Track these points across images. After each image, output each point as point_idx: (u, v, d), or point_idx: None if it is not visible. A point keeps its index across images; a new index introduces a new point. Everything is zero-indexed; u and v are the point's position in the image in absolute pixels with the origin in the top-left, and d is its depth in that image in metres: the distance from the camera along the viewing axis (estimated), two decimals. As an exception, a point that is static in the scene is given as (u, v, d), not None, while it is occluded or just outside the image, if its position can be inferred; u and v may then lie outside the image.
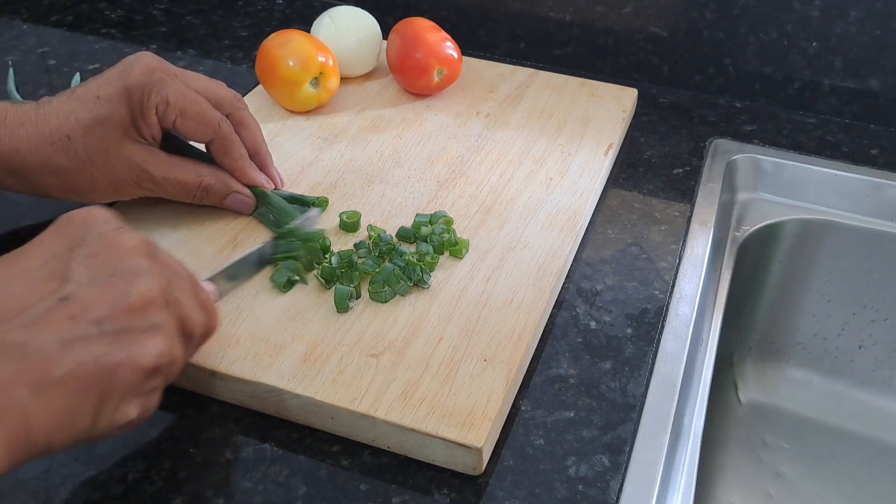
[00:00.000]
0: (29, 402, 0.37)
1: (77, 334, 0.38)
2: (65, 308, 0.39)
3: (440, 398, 0.50)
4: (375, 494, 0.48)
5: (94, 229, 0.43)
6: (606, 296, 0.62)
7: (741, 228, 0.75)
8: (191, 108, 0.58)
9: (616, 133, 0.76)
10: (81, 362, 0.38)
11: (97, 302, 0.39)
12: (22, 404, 0.37)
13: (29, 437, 0.37)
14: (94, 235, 0.42)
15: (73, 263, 0.41)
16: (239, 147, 0.61)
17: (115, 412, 0.40)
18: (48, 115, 0.56)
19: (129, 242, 0.43)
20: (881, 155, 0.79)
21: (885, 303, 0.79)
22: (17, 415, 0.36)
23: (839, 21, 0.79)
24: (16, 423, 0.36)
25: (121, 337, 0.40)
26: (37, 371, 0.37)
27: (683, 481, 0.52)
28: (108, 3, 1.01)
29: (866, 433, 0.82)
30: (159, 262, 0.43)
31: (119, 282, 0.40)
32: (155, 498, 0.48)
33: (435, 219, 0.63)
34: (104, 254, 0.41)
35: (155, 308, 0.41)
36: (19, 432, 0.37)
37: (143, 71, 0.57)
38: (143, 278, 0.41)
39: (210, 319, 0.47)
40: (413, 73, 0.78)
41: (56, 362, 0.38)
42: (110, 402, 0.40)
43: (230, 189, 0.62)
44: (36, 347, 0.38)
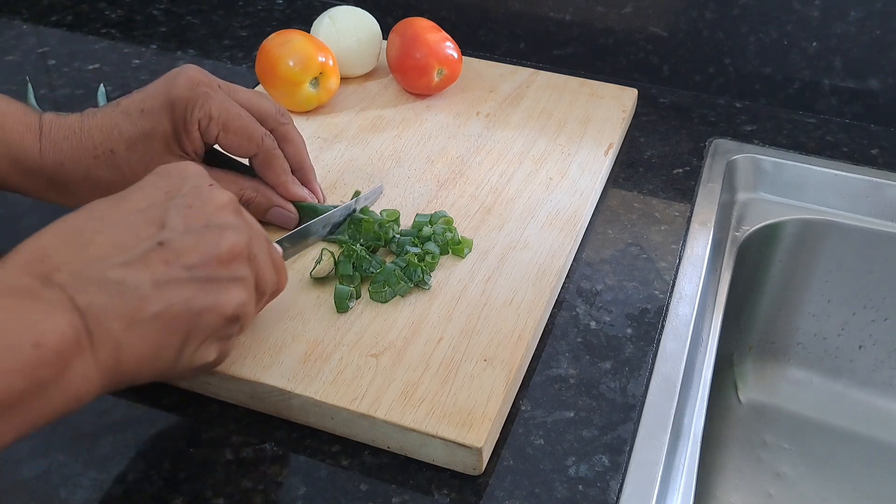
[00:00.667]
0: (122, 335, 0.40)
1: (170, 277, 0.41)
2: (161, 252, 0.41)
3: (440, 398, 0.50)
4: (375, 494, 0.48)
5: (190, 182, 0.46)
6: (606, 296, 0.62)
7: (741, 228, 0.75)
8: (234, 122, 0.57)
9: (616, 133, 0.76)
10: (171, 303, 0.41)
11: (190, 249, 0.42)
12: (116, 336, 0.40)
13: (120, 367, 0.40)
14: (190, 188, 0.45)
15: (170, 212, 0.43)
16: (282, 162, 0.61)
17: (196, 353, 0.43)
18: (92, 128, 0.56)
19: (221, 198, 0.45)
20: (881, 155, 0.79)
21: (885, 303, 0.79)
22: (112, 345, 0.40)
23: (839, 21, 0.79)
24: (110, 353, 0.40)
25: (208, 284, 0.42)
26: (131, 307, 0.40)
27: (683, 481, 0.52)
28: (108, 3, 1.01)
29: (866, 433, 0.82)
30: (244, 220, 0.46)
31: (211, 233, 0.43)
32: (155, 498, 0.48)
33: (435, 219, 0.63)
34: (199, 206, 0.44)
35: (239, 261, 0.44)
36: (112, 361, 0.40)
37: (187, 84, 0.56)
38: (231, 233, 0.44)
39: (280, 278, 0.50)
40: (413, 73, 0.78)
41: (149, 301, 0.40)
42: (193, 343, 0.43)
43: (272, 203, 0.61)
44: (132, 285, 0.40)
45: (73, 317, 0.38)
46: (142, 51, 0.91)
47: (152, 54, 0.91)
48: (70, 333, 0.38)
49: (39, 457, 0.50)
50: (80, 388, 0.39)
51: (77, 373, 0.39)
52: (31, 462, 0.49)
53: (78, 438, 0.51)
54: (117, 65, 0.89)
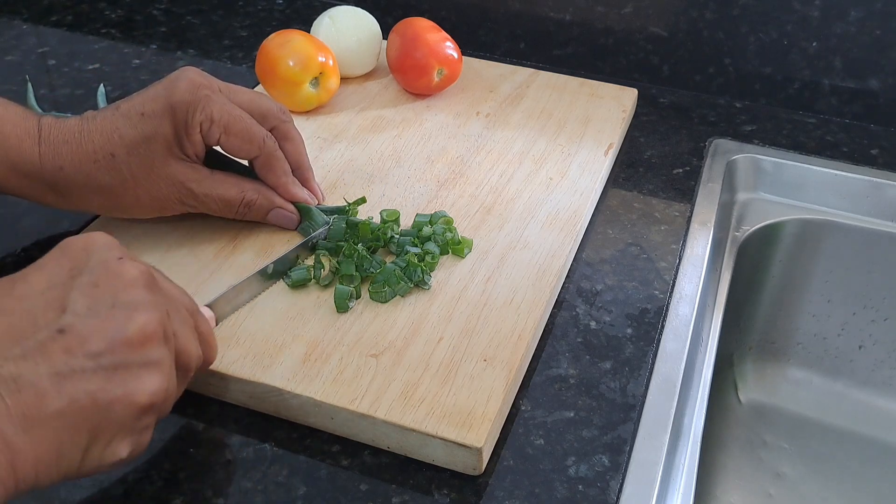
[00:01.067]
0: (18, 439, 0.36)
1: (73, 367, 0.37)
2: (61, 340, 0.38)
3: (440, 398, 0.50)
4: (375, 494, 0.48)
5: (96, 257, 0.42)
6: (606, 296, 0.62)
7: (741, 228, 0.75)
8: (235, 125, 0.57)
9: (616, 133, 0.76)
10: (75, 398, 0.37)
11: (95, 334, 0.38)
12: (10, 440, 0.36)
13: (16, 474, 0.36)
14: (96, 263, 0.41)
15: (73, 292, 0.40)
16: (283, 163, 0.61)
17: (106, 450, 0.39)
18: (92, 132, 0.56)
19: (131, 273, 0.41)
20: (881, 155, 0.79)
21: (885, 303, 0.79)
22: (6, 451, 0.35)
23: (839, 21, 0.79)
24: (4, 461, 0.35)
25: (117, 372, 0.39)
26: (28, 406, 0.36)
27: (683, 481, 0.52)
28: (108, 3, 1.01)
29: (866, 433, 0.82)
30: (161, 293, 0.42)
31: (118, 314, 0.39)
32: (155, 498, 0.48)
33: (435, 219, 0.63)
34: (105, 284, 0.40)
35: (153, 343, 0.40)
36: (6, 469, 0.36)
37: (188, 87, 0.56)
38: (142, 312, 0.40)
39: (207, 351, 0.47)
40: (413, 73, 0.78)
41: (49, 397, 0.37)
42: (101, 440, 0.39)
43: (273, 204, 0.61)
44: (29, 381, 0.36)
45: None
46: (142, 51, 0.91)
47: (152, 54, 0.91)
48: None
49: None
50: None
51: None
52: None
53: (78, 438, 0.51)
54: (117, 65, 0.89)
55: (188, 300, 0.46)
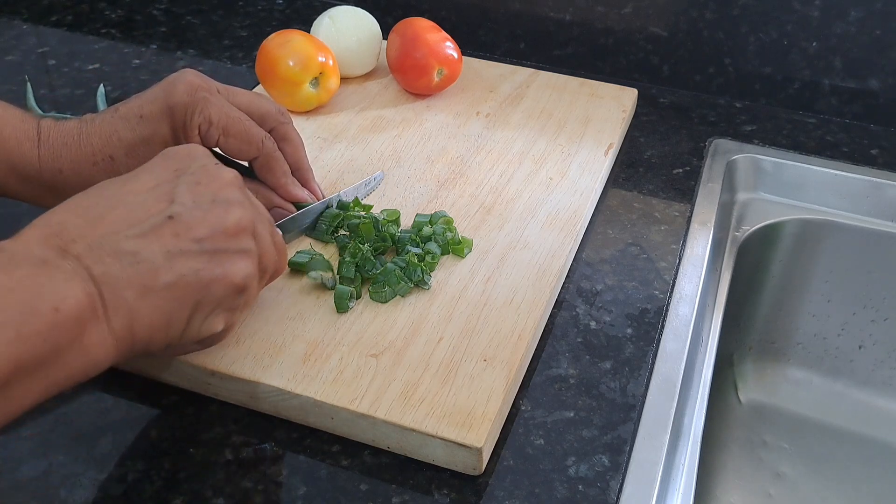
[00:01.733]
0: (136, 303, 0.41)
1: (181, 248, 0.43)
2: (171, 225, 0.43)
3: (440, 398, 0.50)
4: (375, 494, 0.48)
5: (197, 161, 0.47)
6: (606, 296, 0.62)
7: (741, 228, 0.75)
8: (234, 126, 0.57)
9: (616, 133, 0.76)
10: (182, 274, 0.43)
11: (199, 223, 0.44)
12: (130, 304, 0.41)
13: (133, 334, 0.42)
14: (198, 167, 0.46)
15: (179, 188, 0.45)
16: (282, 164, 0.61)
17: (205, 323, 0.45)
18: (91, 134, 0.56)
19: (227, 176, 0.47)
20: (881, 155, 0.79)
21: (885, 303, 0.79)
22: (126, 313, 0.41)
23: (839, 21, 0.79)
24: (124, 320, 0.41)
25: (217, 255, 0.44)
26: (145, 277, 0.41)
27: (683, 481, 0.52)
28: (108, 3, 1.01)
29: (866, 433, 0.82)
30: (249, 198, 0.48)
31: (218, 208, 0.45)
32: (155, 498, 0.48)
33: (435, 219, 0.63)
34: (206, 182, 0.45)
35: (245, 235, 0.46)
36: (126, 328, 0.41)
37: (186, 90, 0.56)
38: (238, 208, 0.45)
39: (282, 259, 0.51)
40: (413, 73, 0.78)
41: (162, 271, 0.42)
42: (202, 312, 0.44)
43: (272, 204, 0.61)
44: (145, 256, 0.42)
45: (89, 285, 0.40)
46: (142, 51, 0.91)
47: (152, 54, 0.91)
48: (86, 301, 0.39)
49: (39, 457, 0.50)
50: (96, 354, 0.40)
51: (93, 338, 0.40)
52: (31, 462, 0.49)
53: (78, 438, 0.51)
54: (117, 65, 0.89)
55: (267, 213, 0.50)
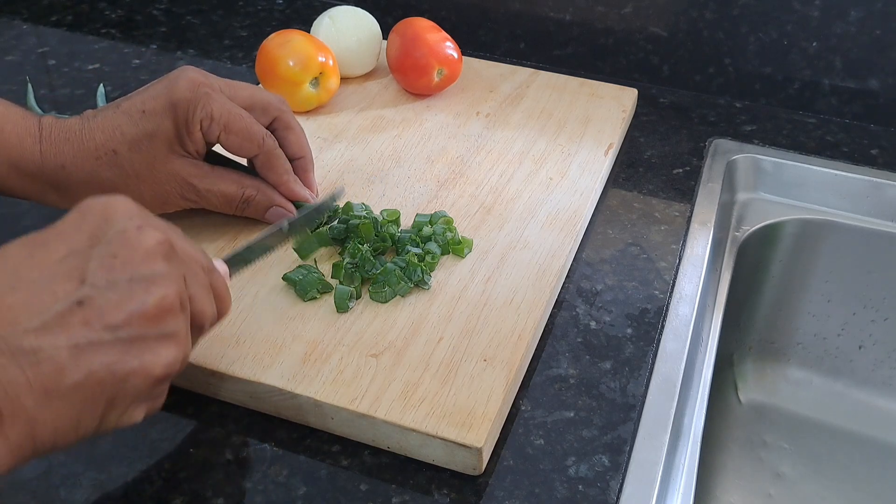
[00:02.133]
0: (37, 410, 0.37)
1: (90, 340, 0.38)
2: (80, 312, 0.38)
3: (440, 398, 0.50)
4: (375, 494, 0.48)
5: (116, 225, 0.41)
6: (606, 296, 0.62)
7: (741, 228, 0.75)
8: (235, 123, 0.57)
9: (616, 133, 0.76)
10: (93, 370, 0.38)
11: (113, 308, 0.39)
12: (30, 412, 0.37)
13: (34, 443, 0.37)
14: (115, 233, 0.41)
15: (92, 263, 0.40)
16: (283, 161, 0.61)
17: (122, 417, 0.40)
18: (93, 129, 0.56)
19: (149, 242, 0.41)
20: (881, 155, 0.79)
21: (885, 303, 0.79)
22: (25, 422, 0.36)
23: (839, 21, 0.79)
24: (22, 430, 0.37)
25: (135, 345, 0.39)
26: (48, 379, 0.37)
27: (683, 481, 0.52)
28: (108, 3, 1.01)
29: (866, 433, 0.82)
30: (177, 261, 0.42)
31: (137, 288, 0.40)
32: (155, 498, 0.48)
33: (435, 219, 0.63)
34: (123, 255, 0.40)
35: (170, 315, 0.41)
36: (25, 438, 0.37)
37: (189, 86, 0.56)
38: (160, 285, 0.40)
39: (221, 307, 0.47)
40: (413, 73, 0.78)
41: (68, 370, 0.37)
42: (118, 408, 0.40)
43: (272, 202, 0.61)
44: (48, 354, 0.37)
45: None
46: (142, 51, 0.91)
47: (152, 54, 0.91)
48: None
49: (39, 457, 0.50)
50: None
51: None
52: (31, 462, 0.49)
53: (78, 438, 0.51)
54: (117, 65, 0.89)
55: (204, 258, 0.46)
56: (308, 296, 0.56)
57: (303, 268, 0.58)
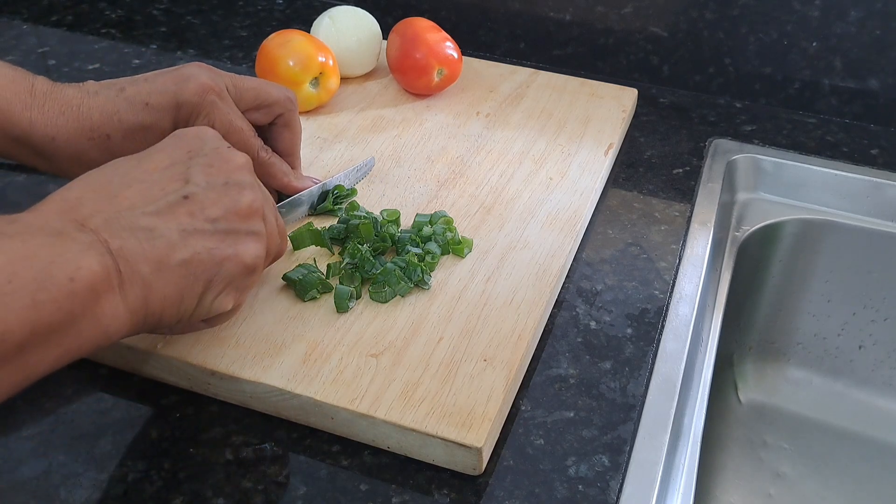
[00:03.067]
0: (151, 278, 0.42)
1: (195, 227, 0.44)
2: (186, 204, 0.44)
3: (440, 398, 0.50)
4: (375, 494, 0.48)
5: (210, 144, 0.48)
6: (606, 296, 0.62)
7: (741, 228, 0.75)
8: (233, 136, 0.58)
9: (616, 133, 0.76)
10: (196, 251, 0.44)
11: (212, 203, 0.45)
12: (145, 278, 0.42)
13: (147, 307, 0.42)
14: (210, 149, 0.47)
15: (192, 169, 0.46)
16: (280, 165, 0.63)
17: (216, 300, 0.46)
18: (92, 108, 0.56)
19: (239, 159, 0.48)
20: (881, 155, 0.79)
21: (885, 303, 0.79)
22: (140, 286, 0.42)
23: (839, 21, 0.79)
24: (138, 293, 0.42)
25: (229, 236, 0.45)
26: (161, 252, 0.42)
27: (683, 481, 0.52)
28: (108, 3, 1.01)
29: (866, 433, 0.82)
30: (258, 182, 0.49)
31: (231, 190, 0.46)
32: (155, 498, 0.48)
33: (435, 219, 0.63)
34: (219, 165, 0.47)
35: (256, 217, 0.47)
36: (140, 301, 0.42)
37: (198, 90, 0.57)
38: (249, 191, 0.47)
39: (283, 241, 0.52)
40: (413, 73, 0.78)
41: (176, 248, 0.43)
42: (213, 290, 0.45)
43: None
44: (161, 233, 0.43)
45: (105, 258, 0.40)
46: (142, 51, 0.91)
47: (152, 54, 0.91)
48: (102, 272, 0.40)
49: (39, 457, 0.50)
50: (109, 325, 0.41)
51: (107, 309, 0.40)
52: (31, 462, 0.49)
53: (78, 438, 0.51)
54: (117, 65, 0.89)
55: (272, 198, 0.51)
56: (308, 296, 0.56)
57: (303, 267, 0.58)
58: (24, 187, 0.70)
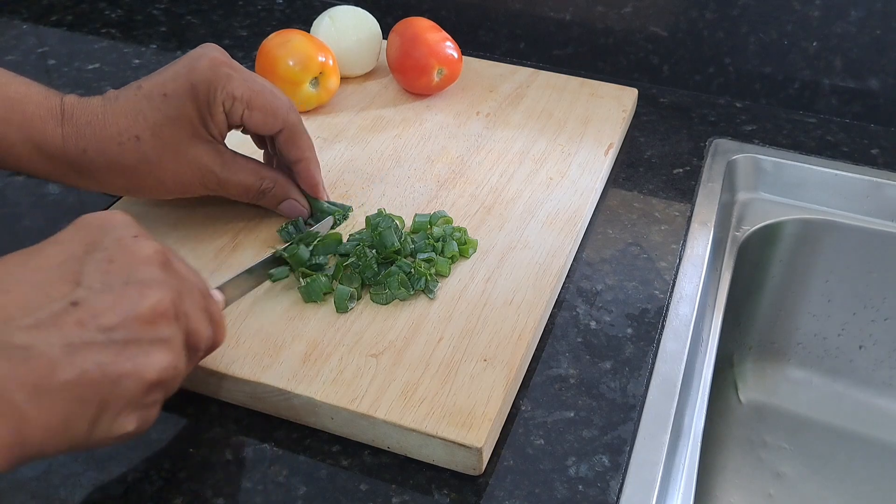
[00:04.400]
0: (27, 407, 0.36)
1: (84, 340, 0.38)
2: (75, 312, 0.38)
3: (440, 398, 0.50)
4: (375, 494, 0.48)
5: (112, 234, 0.42)
6: (606, 296, 0.62)
7: (741, 228, 0.75)
8: (257, 99, 0.57)
9: (616, 133, 0.76)
10: (85, 370, 0.38)
11: (108, 309, 0.39)
12: (20, 409, 0.36)
13: (23, 441, 0.37)
14: (112, 240, 0.42)
15: (87, 267, 0.40)
16: (307, 138, 0.60)
17: (113, 423, 0.39)
18: (116, 113, 0.55)
19: (145, 251, 0.42)
20: (881, 155, 0.79)
21: (885, 303, 0.79)
22: (14, 419, 0.36)
23: (839, 21, 0.79)
24: (12, 428, 0.36)
25: (128, 347, 0.39)
26: (39, 375, 0.36)
27: (683, 481, 0.52)
28: (108, 3, 1.01)
29: (866, 433, 0.82)
30: (173, 273, 0.43)
31: (132, 291, 0.40)
32: (155, 498, 0.48)
33: (434, 219, 0.63)
34: (120, 260, 0.41)
35: (165, 321, 0.41)
36: (14, 436, 0.36)
37: (209, 65, 0.56)
38: (155, 290, 0.40)
39: (217, 333, 0.46)
40: (413, 73, 0.78)
41: (59, 368, 0.37)
42: (109, 413, 0.39)
43: (287, 195, 0.61)
44: (40, 351, 0.37)
45: None
46: (142, 51, 0.91)
47: (152, 54, 0.91)
48: None
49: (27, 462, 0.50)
50: None
51: None
52: (31, 462, 0.49)
53: (78, 438, 0.51)
54: (117, 65, 0.89)
55: (200, 282, 0.46)
56: (312, 299, 0.56)
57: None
58: (23, 187, 0.70)
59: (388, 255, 0.59)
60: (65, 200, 0.69)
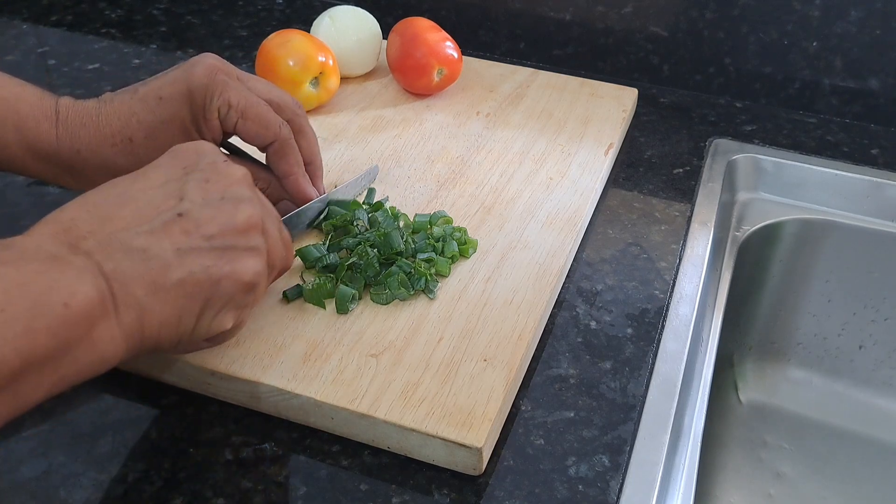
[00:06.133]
0: (146, 300, 0.41)
1: (190, 245, 0.43)
2: (181, 222, 0.43)
3: (440, 398, 0.50)
4: (375, 494, 0.48)
5: (206, 158, 0.47)
6: (606, 296, 0.62)
7: (741, 228, 0.75)
8: (252, 110, 0.57)
9: (616, 133, 0.76)
10: (192, 271, 0.43)
11: (208, 220, 0.44)
12: (140, 301, 0.41)
13: (143, 331, 0.42)
14: (207, 163, 0.46)
15: (187, 185, 0.45)
16: (296, 154, 0.61)
17: (214, 320, 0.45)
18: (110, 115, 0.56)
19: (236, 173, 0.47)
20: (881, 155, 0.79)
21: (885, 303, 0.79)
22: (136, 309, 0.41)
23: (839, 21, 0.79)
24: (134, 317, 0.41)
25: (226, 253, 0.44)
26: (155, 274, 0.42)
27: (683, 481, 0.52)
28: (108, 3, 1.01)
29: (866, 433, 0.82)
30: (258, 195, 0.48)
31: (227, 205, 0.45)
32: (155, 498, 0.48)
33: (434, 219, 0.63)
34: (215, 180, 0.46)
35: (255, 232, 0.46)
36: (136, 325, 0.41)
37: (206, 72, 0.57)
38: (247, 205, 0.46)
39: (289, 255, 0.51)
40: (413, 73, 0.78)
41: (172, 268, 0.42)
42: (212, 309, 0.44)
43: (282, 196, 0.62)
44: (155, 253, 0.42)
45: (99, 281, 0.40)
46: (142, 51, 0.91)
47: (152, 54, 0.91)
48: (97, 296, 0.39)
49: (39, 457, 0.50)
50: (105, 350, 0.40)
51: (102, 334, 0.40)
52: (31, 462, 0.49)
53: (78, 438, 0.51)
54: (117, 65, 0.89)
55: (275, 211, 0.50)
56: (317, 302, 0.56)
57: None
58: (23, 187, 0.70)
59: (389, 256, 0.59)
60: (64, 201, 0.69)
